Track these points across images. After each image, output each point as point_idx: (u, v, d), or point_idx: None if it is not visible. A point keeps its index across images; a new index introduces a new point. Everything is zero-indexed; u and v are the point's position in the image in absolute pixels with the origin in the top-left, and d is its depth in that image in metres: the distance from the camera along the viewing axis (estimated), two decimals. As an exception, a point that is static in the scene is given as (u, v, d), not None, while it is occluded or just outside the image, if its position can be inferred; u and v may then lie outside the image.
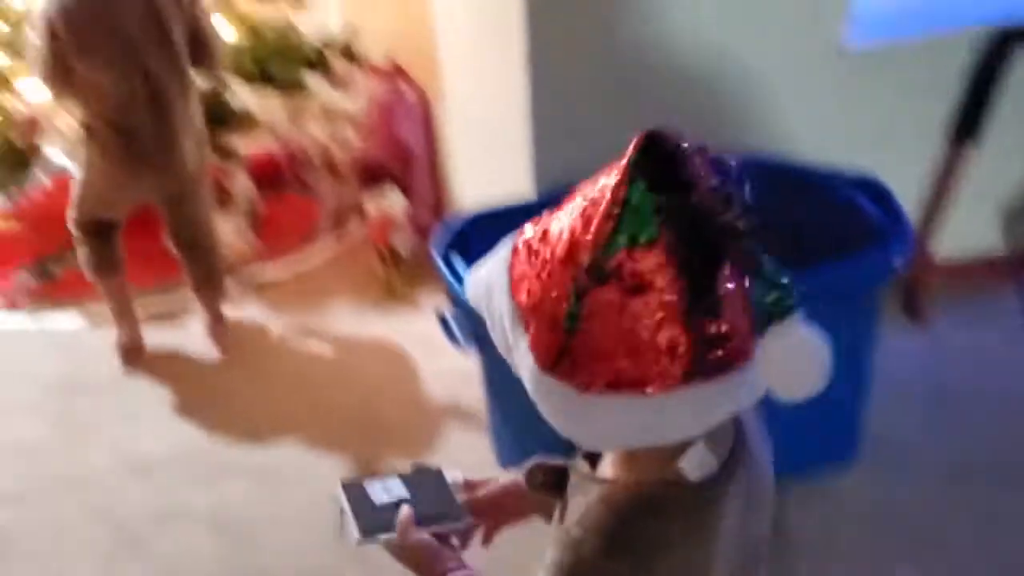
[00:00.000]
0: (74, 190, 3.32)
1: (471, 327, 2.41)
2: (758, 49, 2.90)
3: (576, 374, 0.99)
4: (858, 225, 2.62)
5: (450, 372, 3.09)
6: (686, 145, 0.97)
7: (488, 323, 1.09)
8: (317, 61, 4.19)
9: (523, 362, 1.03)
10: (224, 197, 4.38)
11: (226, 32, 4.02)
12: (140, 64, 3.02)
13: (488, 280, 1.08)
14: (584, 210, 0.98)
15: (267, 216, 4.37)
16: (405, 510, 1.30)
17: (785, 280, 0.97)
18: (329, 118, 4.92)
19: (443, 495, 1.37)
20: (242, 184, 4.37)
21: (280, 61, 4.12)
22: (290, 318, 3.75)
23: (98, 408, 3.31)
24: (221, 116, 4.06)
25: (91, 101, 3.10)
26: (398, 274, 3.76)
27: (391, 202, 3.82)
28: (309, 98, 4.30)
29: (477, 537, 1.38)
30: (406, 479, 1.38)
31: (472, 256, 2.07)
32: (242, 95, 4.19)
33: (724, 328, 0.96)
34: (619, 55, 2.81)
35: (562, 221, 1.01)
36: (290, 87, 4.15)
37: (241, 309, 3.79)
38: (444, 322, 2.51)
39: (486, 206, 2.80)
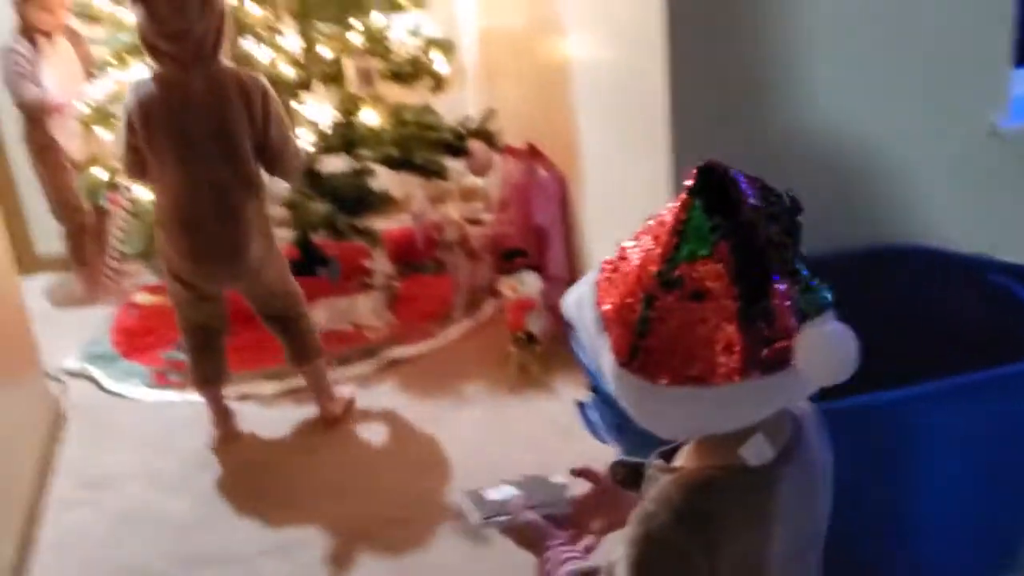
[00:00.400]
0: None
1: (612, 416, 2.36)
2: (907, 133, 2.82)
3: (648, 370, 1.16)
4: (1015, 316, 2.51)
5: (587, 461, 3.04)
6: (735, 173, 1.16)
7: (580, 333, 1.27)
8: (455, 143, 4.28)
9: (606, 362, 1.20)
10: (362, 276, 4.49)
11: (368, 116, 4.15)
12: (206, 171, 3.14)
13: (580, 297, 1.26)
14: (653, 231, 1.19)
15: (402, 294, 4.44)
16: (518, 497, 1.57)
17: (818, 283, 1.15)
18: (466, 199, 5.02)
19: (549, 489, 1.64)
20: (380, 263, 4.46)
21: (419, 143, 4.21)
22: (423, 398, 3.76)
23: (238, 485, 3.38)
24: (361, 198, 4.17)
25: (162, 193, 3.24)
26: (533, 357, 3.75)
27: (526, 283, 3.82)
28: (447, 179, 4.38)
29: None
30: (516, 483, 1.63)
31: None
32: (382, 177, 4.30)
33: (774, 329, 1.12)
34: (762, 144, 2.77)
35: (637, 242, 1.20)
36: (429, 169, 4.23)
37: (375, 388, 3.83)
38: (583, 410, 2.48)
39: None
